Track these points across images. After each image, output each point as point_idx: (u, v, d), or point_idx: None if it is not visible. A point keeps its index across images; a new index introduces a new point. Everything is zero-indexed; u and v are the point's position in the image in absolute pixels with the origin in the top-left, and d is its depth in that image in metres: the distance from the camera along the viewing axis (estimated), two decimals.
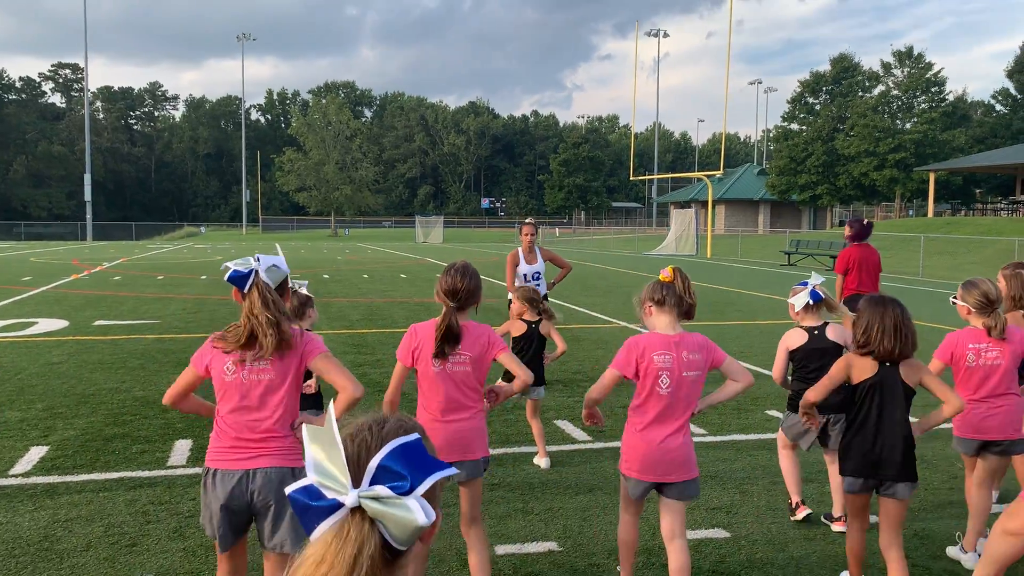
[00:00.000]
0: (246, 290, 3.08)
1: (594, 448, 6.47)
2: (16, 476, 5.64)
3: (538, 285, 8.76)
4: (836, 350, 4.61)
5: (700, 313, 14.98)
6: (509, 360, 3.76)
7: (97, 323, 13.21)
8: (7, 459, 6.01)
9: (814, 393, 3.91)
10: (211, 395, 3.24)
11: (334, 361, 3.19)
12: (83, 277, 22.82)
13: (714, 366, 3.69)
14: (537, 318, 6.17)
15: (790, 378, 4.95)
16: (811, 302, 4.79)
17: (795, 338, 4.82)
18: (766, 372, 8.82)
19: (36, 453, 6.16)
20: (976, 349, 4.36)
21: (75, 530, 4.71)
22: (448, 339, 3.64)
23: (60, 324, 13.06)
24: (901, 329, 3.63)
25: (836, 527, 4.83)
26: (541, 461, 6.01)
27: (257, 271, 3.10)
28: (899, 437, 3.72)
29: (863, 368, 3.72)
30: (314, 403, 5.00)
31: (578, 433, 6.84)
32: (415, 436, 1.22)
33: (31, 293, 18.09)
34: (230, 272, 3.11)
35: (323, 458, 1.17)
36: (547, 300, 9.09)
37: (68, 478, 5.62)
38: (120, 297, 17.36)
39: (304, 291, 5.02)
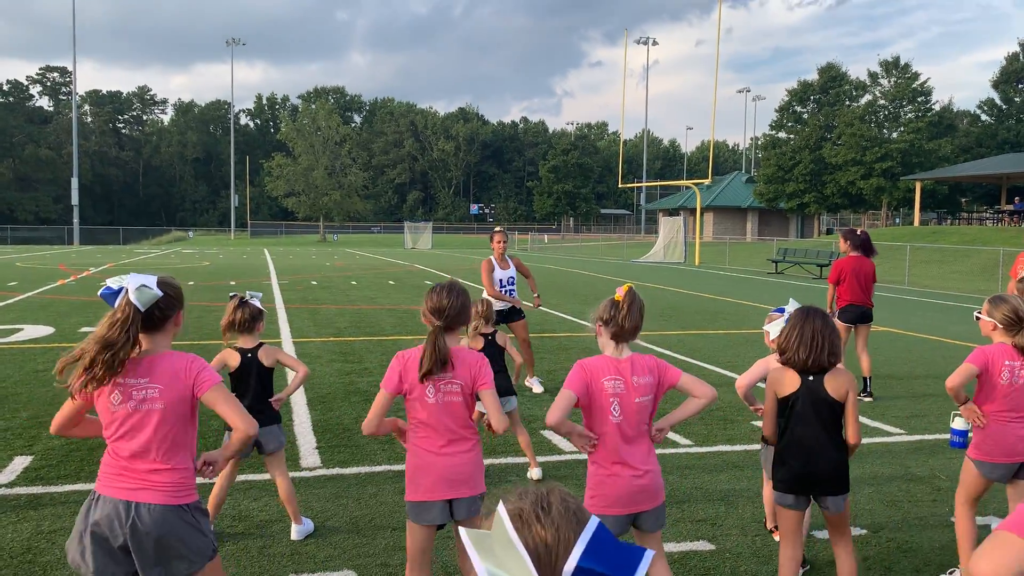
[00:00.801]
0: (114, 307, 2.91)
1: (581, 459, 6.47)
2: (0, 486, 5.60)
3: (512, 290, 8.85)
4: None
5: (688, 322, 15.03)
6: (490, 401, 3.50)
7: (83, 330, 13.13)
8: None
9: (766, 427, 3.90)
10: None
11: (225, 394, 2.95)
12: (69, 283, 22.68)
13: (670, 386, 3.51)
14: (492, 330, 6.17)
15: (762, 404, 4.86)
16: None
17: (775, 368, 4.69)
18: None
19: (20, 463, 6.12)
20: (1011, 367, 4.17)
21: (58, 542, 4.68)
22: (435, 362, 3.40)
23: (46, 331, 12.98)
24: (818, 339, 3.63)
25: (776, 536, 4.85)
26: (533, 472, 6.01)
27: (126, 290, 2.90)
28: (824, 450, 3.69)
29: (787, 383, 3.74)
30: (274, 418, 4.90)
31: (565, 444, 6.85)
32: (595, 521, 1.07)
33: (17, 299, 17.97)
34: (102, 288, 2.96)
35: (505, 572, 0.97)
36: (520, 311, 9.14)
37: (52, 488, 5.59)
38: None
39: (256, 303, 4.90)
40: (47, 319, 14.40)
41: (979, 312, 4.43)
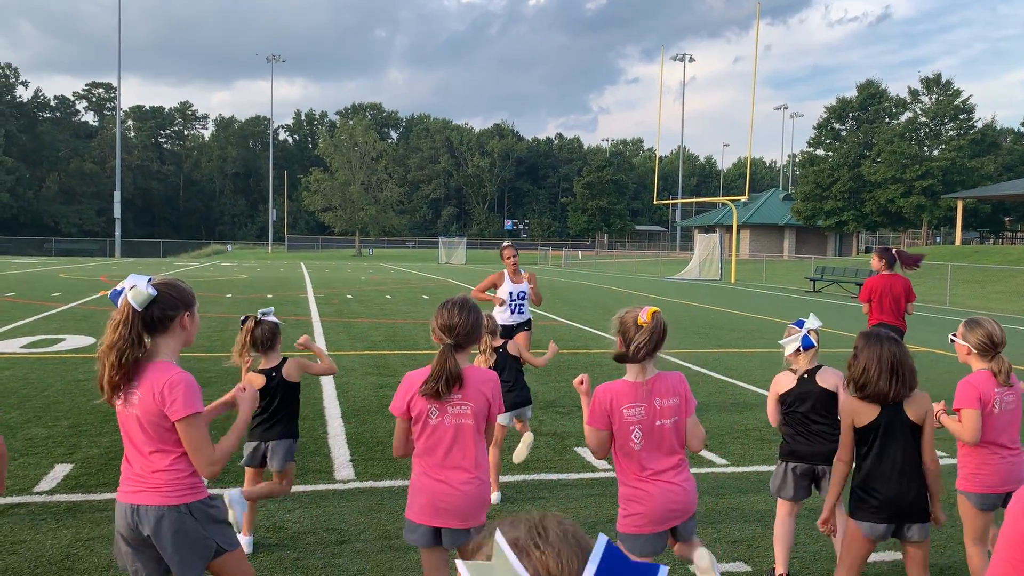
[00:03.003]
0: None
1: (614, 477, 6.41)
2: (41, 494, 5.69)
3: (522, 305, 8.80)
4: (823, 394, 4.45)
5: (725, 340, 14.89)
6: (494, 430, 3.46)
7: None
8: (32, 476, 6.07)
9: (845, 453, 3.71)
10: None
11: (192, 432, 2.88)
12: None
13: (685, 416, 3.43)
14: (503, 342, 6.14)
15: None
16: (801, 349, 4.58)
17: (784, 382, 4.62)
18: None
19: (61, 471, 6.22)
20: (998, 394, 4.08)
21: (96, 550, 4.74)
22: (444, 380, 3.25)
23: (87, 341, 13.21)
24: (899, 370, 3.50)
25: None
26: (493, 495, 5.71)
27: (124, 290, 2.90)
28: (912, 477, 3.60)
29: (865, 412, 3.61)
30: (288, 432, 4.88)
31: (598, 462, 6.80)
32: (603, 540, 1.02)
33: (60, 309, 18.33)
34: (111, 291, 2.99)
35: None
36: (529, 325, 9.04)
37: (91, 496, 5.67)
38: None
39: (272, 319, 4.80)
40: (89, 329, 14.66)
41: (954, 335, 4.30)
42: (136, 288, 2.89)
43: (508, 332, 8.50)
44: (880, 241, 77.40)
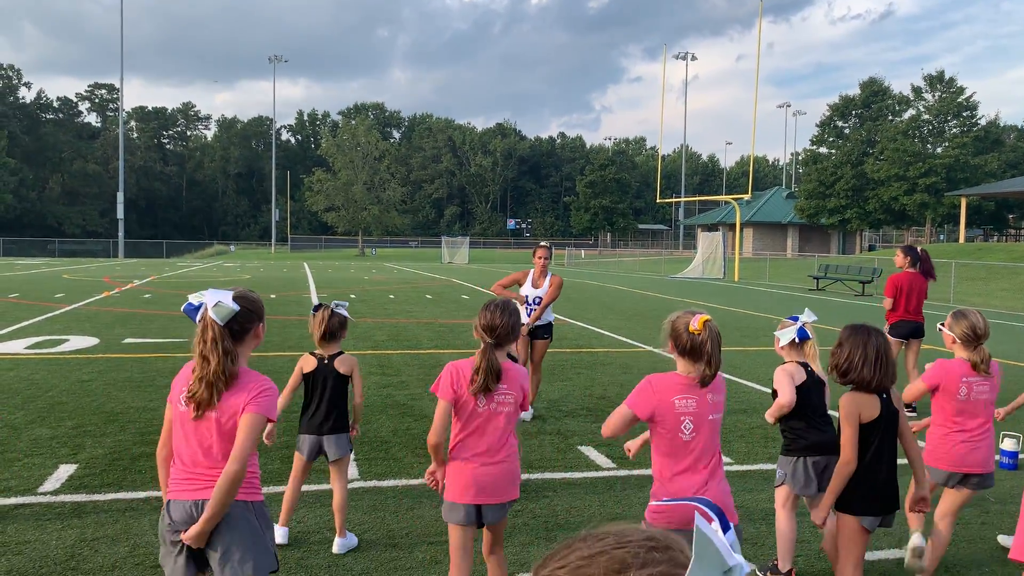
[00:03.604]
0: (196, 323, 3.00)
1: (618, 475, 6.42)
2: (45, 494, 5.70)
3: (532, 311, 8.64)
4: (823, 384, 4.60)
5: (729, 339, 14.87)
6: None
7: (127, 341, 13.36)
8: (37, 476, 6.08)
9: (850, 455, 3.66)
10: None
11: (248, 429, 2.94)
12: (114, 295, 23.12)
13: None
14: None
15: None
16: (796, 340, 4.63)
17: (798, 374, 4.60)
18: None
19: (65, 471, 6.22)
20: (968, 383, 4.38)
21: (101, 550, 4.74)
22: (490, 377, 3.61)
23: (91, 341, 13.23)
24: (882, 359, 3.61)
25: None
26: None
27: (205, 306, 2.97)
28: (893, 468, 3.75)
29: (871, 406, 3.66)
30: (342, 426, 4.96)
31: (602, 460, 6.80)
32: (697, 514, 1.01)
33: (63, 310, 18.36)
34: (184, 304, 3.04)
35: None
36: (551, 329, 9.00)
37: (96, 497, 5.67)
38: (150, 315, 17.57)
39: (343, 312, 5.02)
40: (92, 330, 14.68)
41: (941, 324, 4.58)
42: (220, 304, 2.97)
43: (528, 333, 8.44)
44: (884, 239, 77.33)
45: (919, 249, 9.24)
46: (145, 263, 53.61)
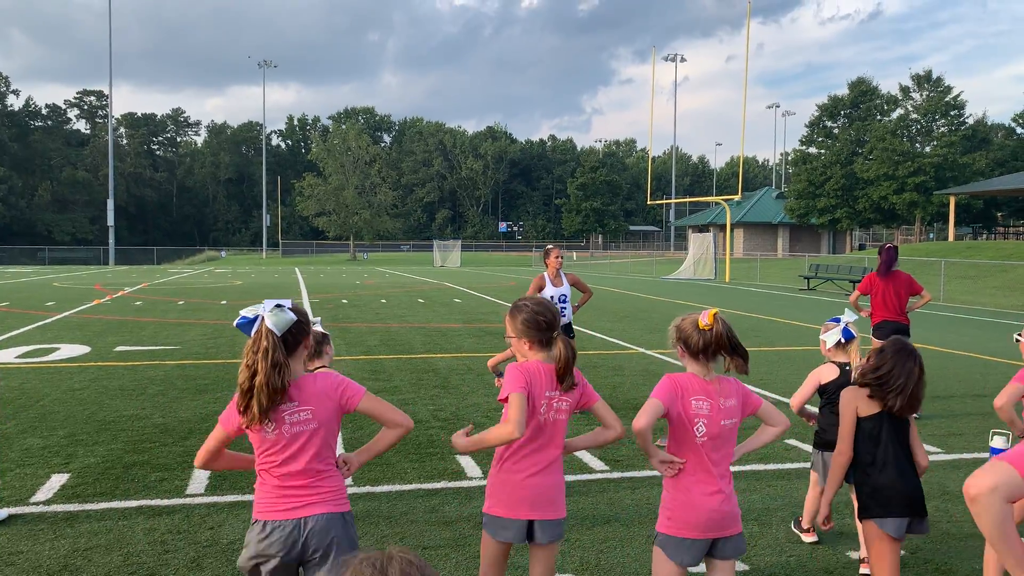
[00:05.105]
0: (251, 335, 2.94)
1: (611, 478, 6.44)
2: (37, 504, 5.69)
3: (563, 308, 8.79)
4: None
5: None
6: (604, 410, 3.43)
7: (118, 349, 13.32)
8: (29, 486, 6.06)
9: (845, 446, 3.66)
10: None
11: (375, 401, 3.09)
12: (105, 302, 23.05)
13: (751, 412, 3.45)
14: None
15: (816, 410, 5.01)
16: (842, 340, 4.84)
17: (827, 373, 4.86)
18: (786, 400, 8.80)
19: (57, 480, 6.21)
20: None
21: (94, 559, 4.73)
22: (569, 370, 3.33)
23: (82, 350, 13.19)
24: (916, 392, 3.48)
25: (807, 538, 5.06)
26: None
27: (262, 316, 2.94)
28: (912, 470, 3.58)
29: (871, 403, 3.59)
30: None
31: (595, 463, 6.81)
32: None
33: (54, 318, 18.29)
34: (238, 319, 3.00)
35: None
36: (571, 328, 9.14)
37: (88, 506, 5.66)
38: (141, 323, 17.52)
39: (319, 328, 4.92)
40: (83, 338, 14.63)
41: (1019, 334, 4.48)
42: (278, 310, 2.97)
43: None
44: (874, 238, 77.69)
45: (884, 245, 9.12)
46: (136, 270, 53.42)
